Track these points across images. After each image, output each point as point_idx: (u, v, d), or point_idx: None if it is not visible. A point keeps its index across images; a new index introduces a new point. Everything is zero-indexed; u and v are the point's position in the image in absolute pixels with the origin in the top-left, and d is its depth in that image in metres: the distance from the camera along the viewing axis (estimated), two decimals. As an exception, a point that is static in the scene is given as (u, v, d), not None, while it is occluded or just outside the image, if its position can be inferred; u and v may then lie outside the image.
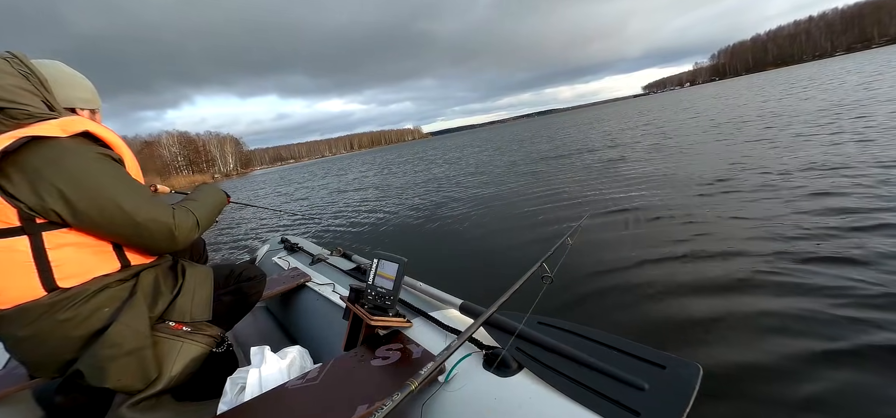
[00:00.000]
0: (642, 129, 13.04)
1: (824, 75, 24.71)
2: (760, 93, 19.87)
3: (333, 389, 0.86)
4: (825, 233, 2.64)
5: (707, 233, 3.02)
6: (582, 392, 0.73)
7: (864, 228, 2.62)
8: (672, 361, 0.74)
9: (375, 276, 1.10)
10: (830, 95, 11.70)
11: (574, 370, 0.78)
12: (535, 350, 0.87)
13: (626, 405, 0.68)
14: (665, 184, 4.91)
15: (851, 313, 1.80)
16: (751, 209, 3.42)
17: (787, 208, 3.24)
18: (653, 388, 0.70)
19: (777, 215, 3.13)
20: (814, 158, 4.72)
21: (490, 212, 5.29)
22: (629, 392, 0.71)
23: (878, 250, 2.29)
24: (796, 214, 3.07)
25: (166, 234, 0.97)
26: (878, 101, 8.62)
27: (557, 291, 2.42)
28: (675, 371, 0.72)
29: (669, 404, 0.66)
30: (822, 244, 2.49)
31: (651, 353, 0.77)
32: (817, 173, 4.11)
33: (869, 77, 15.82)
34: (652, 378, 0.72)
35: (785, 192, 3.66)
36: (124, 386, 0.92)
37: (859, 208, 2.96)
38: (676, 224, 3.37)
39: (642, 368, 0.75)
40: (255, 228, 7.69)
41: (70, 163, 0.84)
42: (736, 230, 3.02)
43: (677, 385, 0.69)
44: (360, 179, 15.09)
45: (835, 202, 3.20)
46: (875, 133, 5.44)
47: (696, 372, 0.71)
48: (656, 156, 7.19)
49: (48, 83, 0.95)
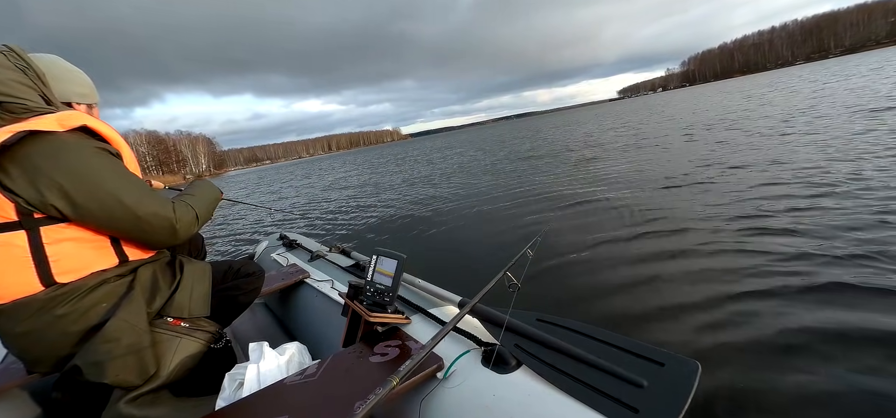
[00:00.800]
0: (621, 131, 13.68)
1: (782, 82, 26.87)
2: (727, 97, 21.24)
3: (332, 385, 0.86)
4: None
5: (664, 219, 3.49)
6: (580, 388, 0.73)
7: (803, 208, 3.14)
8: (671, 359, 0.74)
9: (374, 273, 1.10)
10: (789, 101, 12.48)
11: (573, 367, 0.78)
12: (534, 347, 0.87)
13: (624, 402, 0.68)
14: (630, 182, 5.26)
15: (788, 267, 2.23)
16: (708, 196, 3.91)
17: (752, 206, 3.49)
18: (651, 385, 0.70)
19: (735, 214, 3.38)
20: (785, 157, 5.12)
21: (476, 208, 5.38)
22: (628, 389, 0.71)
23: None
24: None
25: (167, 228, 0.97)
26: (832, 107, 9.15)
27: (548, 285, 2.56)
28: (673, 368, 0.72)
29: (668, 401, 0.66)
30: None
31: (650, 350, 0.77)
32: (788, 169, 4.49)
33: (821, 85, 16.70)
34: (651, 375, 0.72)
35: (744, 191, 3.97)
36: (122, 381, 0.91)
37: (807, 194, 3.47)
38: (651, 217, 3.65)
39: (641, 365, 0.75)
40: (245, 228, 7.64)
41: (69, 158, 0.83)
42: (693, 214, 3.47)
43: (676, 382, 0.69)
44: (346, 178, 15.22)
45: (779, 190, 3.73)
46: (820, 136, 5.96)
47: (695, 370, 0.71)
48: (634, 154, 7.57)
49: (45, 77, 0.94)
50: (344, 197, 9.44)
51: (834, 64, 54.74)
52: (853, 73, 20.96)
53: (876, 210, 2.85)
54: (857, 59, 61.09)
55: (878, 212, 2.81)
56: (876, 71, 18.66)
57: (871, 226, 2.59)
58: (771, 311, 1.88)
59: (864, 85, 12.84)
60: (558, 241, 3.36)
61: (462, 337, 0.97)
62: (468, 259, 3.54)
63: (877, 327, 1.63)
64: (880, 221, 2.64)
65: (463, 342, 0.96)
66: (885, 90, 10.18)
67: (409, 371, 0.65)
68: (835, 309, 1.82)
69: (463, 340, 0.96)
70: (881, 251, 2.22)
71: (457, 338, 0.98)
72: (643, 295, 2.25)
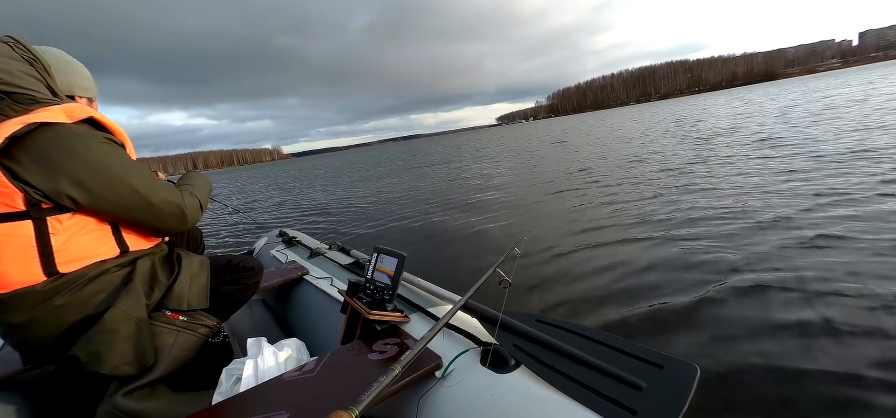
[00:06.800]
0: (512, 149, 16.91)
1: (611, 122, 30.56)
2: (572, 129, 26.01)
3: (330, 382, 0.86)
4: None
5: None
6: (579, 389, 0.73)
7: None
8: (670, 361, 0.74)
9: (374, 270, 1.10)
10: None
11: (571, 368, 0.78)
12: (533, 347, 0.87)
13: (623, 404, 0.68)
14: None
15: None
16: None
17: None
18: (650, 388, 0.70)
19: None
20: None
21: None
22: (626, 390, 0.71)
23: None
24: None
25: (177, 214, 1.01)
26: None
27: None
28: (672, 371, 0.72)
29: (666, 404, 0.66)
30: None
31: (649, 353, 0.77)
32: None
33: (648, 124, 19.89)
34: (649, 377, 0.72)
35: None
36: (120, 371, 0.91)
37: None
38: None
39: (640, 367, 0.75)
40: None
41: (82, 149, 0.84)
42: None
43: (674, 385, 0.69)
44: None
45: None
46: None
47: (694, 373, 0.71)
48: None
49: (51, 69, 0.95)
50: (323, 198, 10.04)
51: (652, 106, 69.59)
52: (666, 116, 24.77)
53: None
54: (667, 103, 77.82)
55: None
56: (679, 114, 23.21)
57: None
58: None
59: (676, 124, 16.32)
60: (543, 237, 3.63)
61: (461, 337, 0.97)
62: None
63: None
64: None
65: (461, 341, 0.95)
66: (701, 129, 12.72)
67: (409, 363, 0.65)
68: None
69: (462, 340, 0.96)
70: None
71: (455, 338, 0.97)
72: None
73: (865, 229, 2.69)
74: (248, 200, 13.32)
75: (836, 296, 1.94)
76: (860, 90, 17.24)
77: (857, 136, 6.36)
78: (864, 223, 2.80)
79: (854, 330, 1.67)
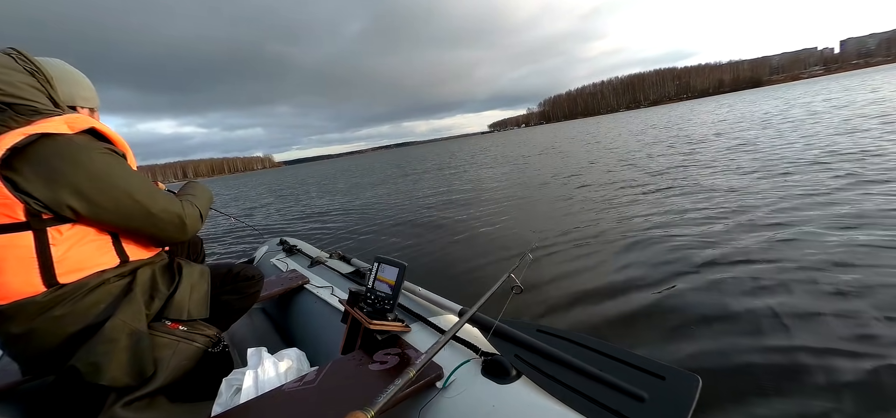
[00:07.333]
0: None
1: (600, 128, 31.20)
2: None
3: (331, 392, 0.86)
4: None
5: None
6: (581, 400, 0.73)
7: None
8: (672, 372, 0.74)
9: (375, 280, 1.10)
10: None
11: (573, 378, 0.78)
12: (535, 357, 0.87)
13: (624, 414, 0.68)
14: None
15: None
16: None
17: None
18: (652, 399, 0.70)
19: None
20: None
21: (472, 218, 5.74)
22: (628, 402, 0.71)
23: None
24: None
25: (177, 223, 1.01)
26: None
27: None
28: (674, 382, 0.72)
29: (668, 415, 0.66)
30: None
31: (650, 364, 0.77)
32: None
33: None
34: (651, 388, 0.72)
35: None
36: (120, 382, 0.91)
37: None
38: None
39: (642, 378, 0.75)
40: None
41: (85, 159, 0.85)
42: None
43: (676, 396, 0.69)
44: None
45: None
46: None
47: (696, 384, 0.71)
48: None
49: (53, 80, 0.96)
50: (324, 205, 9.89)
51: (643, 113, 70.09)
52: (656, 124, 23.84)
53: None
54: (656, 110, 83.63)
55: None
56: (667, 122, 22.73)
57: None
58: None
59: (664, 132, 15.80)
60: (554, 246, 3.54)
61: (462, 347, 0.97)
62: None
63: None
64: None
65: (463, 351, 0.95)
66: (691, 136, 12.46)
67: (412, 378, 0.65)
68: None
69: (463, 350, 0.96)
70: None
71: (457, 348, 0.97)
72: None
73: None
74: (248, 208, 13.31)
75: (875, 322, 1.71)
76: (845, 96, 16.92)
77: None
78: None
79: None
